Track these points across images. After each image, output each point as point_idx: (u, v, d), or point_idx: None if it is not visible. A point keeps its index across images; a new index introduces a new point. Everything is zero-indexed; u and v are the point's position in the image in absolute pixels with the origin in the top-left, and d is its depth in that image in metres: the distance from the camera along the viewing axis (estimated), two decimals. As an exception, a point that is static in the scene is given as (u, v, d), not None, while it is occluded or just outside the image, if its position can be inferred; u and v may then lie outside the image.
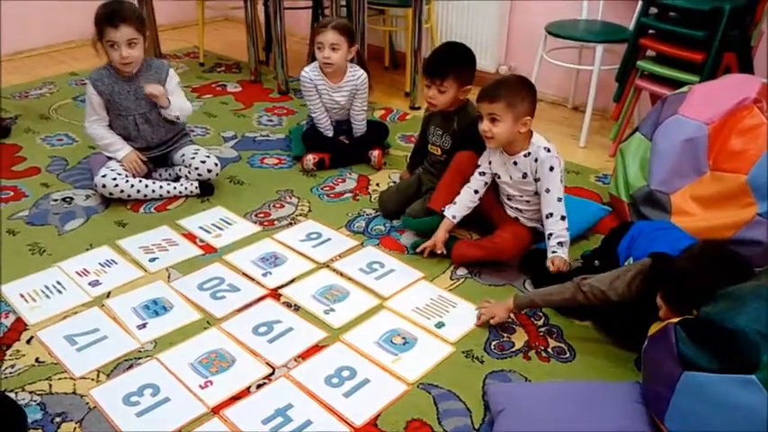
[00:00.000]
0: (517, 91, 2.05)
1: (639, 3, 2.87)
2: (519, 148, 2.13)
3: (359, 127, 2.92)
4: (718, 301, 1.40)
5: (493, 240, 2.19)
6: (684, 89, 2.37)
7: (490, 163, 2.22)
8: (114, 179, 2.50)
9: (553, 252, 2.06)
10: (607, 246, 2.09)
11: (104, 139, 2.56)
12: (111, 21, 2.38)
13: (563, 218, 2.09)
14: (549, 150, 2.10)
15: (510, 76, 2.30)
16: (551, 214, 2.09)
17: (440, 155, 2.47)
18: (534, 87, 2.11)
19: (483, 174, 2.24)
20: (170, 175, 2.69)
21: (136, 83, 2.52)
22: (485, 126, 2.08)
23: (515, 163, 2.14)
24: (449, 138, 2.42)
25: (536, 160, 2.10)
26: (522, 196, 2.19)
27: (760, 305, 1.32)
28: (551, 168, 2.08)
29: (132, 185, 2.53)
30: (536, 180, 2.12)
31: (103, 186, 2.49)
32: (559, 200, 2.09)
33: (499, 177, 2.22)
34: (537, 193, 2.15)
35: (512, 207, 2.24)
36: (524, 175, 2.13)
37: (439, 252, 2.22)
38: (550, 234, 2.08)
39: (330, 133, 2.89)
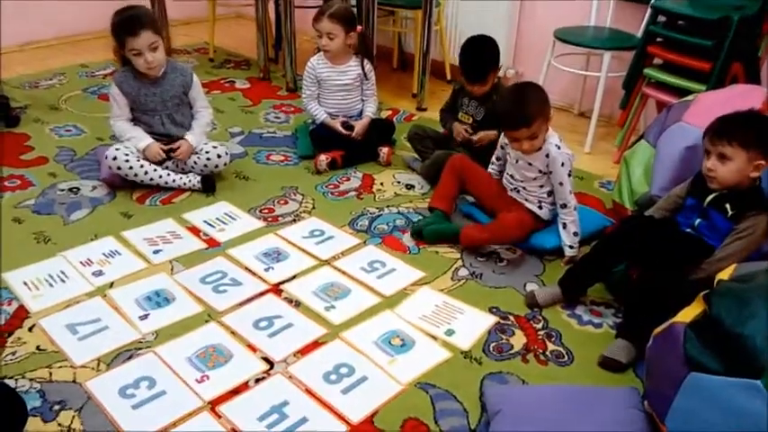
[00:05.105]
0: (540, 103, 2.17)
1: (648, 10, 2.87)
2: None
3: (370, 107, 2.99)
4: (727, 297, 1.40)
5: (498, 223, 2.29)
6: (690, 97, 2.37)
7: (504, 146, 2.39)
8: (127, 156, 2.51)
9: (570, 247, 2.24)
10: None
11: (128, 133, 2.58)
12: (130, 30, 2.40)
13: (575, 208, 2.25)
14: (559, 147, 2.21)
15: (523, 88, 2.24)
16: (565, 205, 2.25)
17: (471, 123, 2.70)
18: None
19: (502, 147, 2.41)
20: (177, 165, 2.68)
21: (161, 85, 2.56)
22: (525, 146, 2.17)
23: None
24: (483, 109, 2.66)
25: (547, 155, 2.21)
26: (522, 180, 2.32)
27: None
28: (562, 164, 2.20)
29: (142, 166, 2.54)
30: (546, 173, 2.26)
31: (114, 159, 2.48)
32: (571, 192, 2.25)
33: (509, 154, 2.36)
34: (536, 179, 2.29)
35: (513, 187, 2.36)
36: (529, 164, 2.26)
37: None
38: (565, 223, 2.25)
39: (322, 117, 2.92)
